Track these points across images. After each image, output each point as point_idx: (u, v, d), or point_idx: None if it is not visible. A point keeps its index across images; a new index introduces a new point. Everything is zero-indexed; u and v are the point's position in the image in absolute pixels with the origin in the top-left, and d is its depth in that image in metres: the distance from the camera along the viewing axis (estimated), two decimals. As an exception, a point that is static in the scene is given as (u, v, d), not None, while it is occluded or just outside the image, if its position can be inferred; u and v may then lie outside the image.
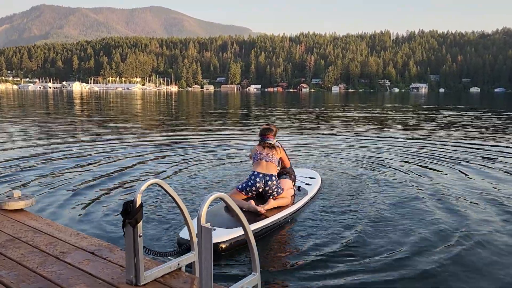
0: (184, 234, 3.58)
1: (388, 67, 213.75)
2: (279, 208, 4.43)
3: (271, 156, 4.73)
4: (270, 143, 4.80)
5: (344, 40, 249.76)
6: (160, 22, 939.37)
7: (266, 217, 4.13)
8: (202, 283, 1.80)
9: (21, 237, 2.84)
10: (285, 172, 5.12)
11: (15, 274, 2.29)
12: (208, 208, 1.84)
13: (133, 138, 11.75)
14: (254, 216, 4.13)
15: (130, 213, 2.11)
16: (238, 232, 3.55)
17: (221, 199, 1.92)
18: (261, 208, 4.26)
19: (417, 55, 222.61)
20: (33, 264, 2.42)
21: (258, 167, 4.70)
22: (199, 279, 2.04)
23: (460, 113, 24.09)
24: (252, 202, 4.33)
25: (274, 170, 4.71)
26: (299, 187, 5.31)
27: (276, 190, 4.62)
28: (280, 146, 4.94)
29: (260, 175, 4.64)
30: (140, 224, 2.17)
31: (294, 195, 4.96)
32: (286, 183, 4.95)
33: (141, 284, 2.19)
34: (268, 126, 4.96)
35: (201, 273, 1.80)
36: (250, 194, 4.67)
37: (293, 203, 4.67)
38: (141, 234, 2.19)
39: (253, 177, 4.65)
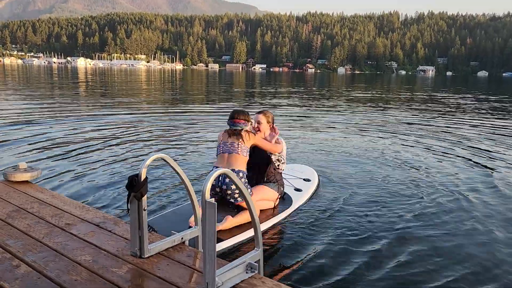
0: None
1: (395, 48, 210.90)
2: (241, 227, 3.39)
3: (236, 146, 3.58)
4: (236, 129, 3.63)
5: (352, 21, 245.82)
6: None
7: (219, 240, 3.16)
8: (206, 257, 1.82)
9: (27, 208, 2.87)
10: (270, 178, 3.96)
11: (22, 244, 2.33)
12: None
13: (139, 113, 11.75)
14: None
15: (135, 186, 2.11)
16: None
17: (226, 175, 1.93)
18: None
19: (426, 37, 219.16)
20: (39, 235, 2.45)
21: (217, 162, 3.64)
22: (202, 253, 2.07)
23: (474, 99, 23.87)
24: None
25: (239, 164, 3.54)
26: (283, 194, 4.16)
27: (237, 192, 3.51)
28: (253, 132, 3.76)
29: (220, 178, 3.50)
30: (145, 198, 2.18)
31: (275, 207, 3.95)
32: (264, 191, 3.83)
33: (145, 256, 2.23)
34: (240, 109, 3.78)
35: (205, 247, 1.82)
36: (216, 197, 3.59)
37: (270, 217, 3.75)
38: (145, 208, 2.21)
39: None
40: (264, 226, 3.58)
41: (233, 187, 3.49)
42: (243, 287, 1.94)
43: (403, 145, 8.04)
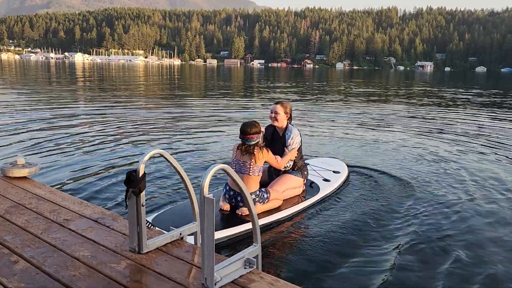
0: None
1: (394, 44, 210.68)
2: (266, 212, 3.69)
3: (248, 166, 3.60)
4: (249, 145, 3.60)
5: (350, 16, 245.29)
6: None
7: (247, 221, 3.45)
8: (204, 252, 1.82)
9: (25, 204, 2.86)
10: (294, 168, 4.16)
11: (20, 239, 2.32)
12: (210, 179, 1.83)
13: (137, 109, 11.72)
14: (232, 218, 3.52)
15: (134, 182, 2.10)
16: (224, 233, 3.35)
17: (224, 170, 1.91)
18: (240, 211, 3.59)
19: (424, 32, 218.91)
20: (38, 230, 2.45)
21: (230, 180, 3.66)
22: (200, 249, 2.07)
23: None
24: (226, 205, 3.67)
25: (251, 185, 3.59)
26: (311, 182, 4.42)
27: (255, 203, 3.63)
28: (261, 147, 3.67)
29: (231, 193, 3.64)
30: (143, 194, 2.18)
31: (300, 194, 4.17)
32: (289, 180, 4.03)
33: (144, 252, 2.22)
34: (249, 121, 3.67)
35: (203, 243, 1.82)
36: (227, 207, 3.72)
37: (296, 204, 3.96)
38: (144, 204, 2.20)
39: (224, 190, 3.74)
40: (290, 211, 3.83)
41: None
42: (242, 282, 1.93)
43: (424, 139, 8.18)
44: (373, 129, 9.37)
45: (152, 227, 2.75)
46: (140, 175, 2.12)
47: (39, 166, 3.66)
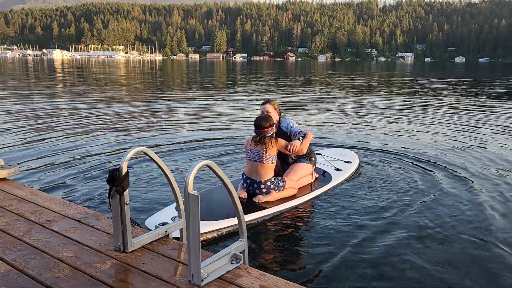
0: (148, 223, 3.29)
1: (375, 36, 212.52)
2: (282, 200, 3.90)
3: (262, 155, 3.84)
4: (262, 137, 3.87)
5: (331, 8, 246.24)
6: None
7: (263, 208, 3.69)
8: (190, 249, 1.82)
9: (5, 206, 2.80)
10: (302, 155, 4.33)
11: (1, 242, 2.27)
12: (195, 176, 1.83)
13: (119, 106, 11.56)
14: (250, 205, 3.71)
15: (117, 181, 2.09)
16: (222, 223, 3.39)
17: (208, 166, 1.90)
18: (257, 198, 3.83)
19: (404, 24, 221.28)
20: (19, 232, 2.40)
21: (246, 169, 4.00)
22: (186, 246, 2.07)
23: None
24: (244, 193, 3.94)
25: (265, 173, 3.86)
26: (324, 172, 4.66)
27: (271, 191, 3.90)
28: (271, 138, 3.91)
29: (248, 181, 3.92)
30: (126, 192, 2.16)
31: (313, 182, 4.35)
32: (301, 168, 4.28)
33: (129, 251, 2.20)
34: (262, 115, 4.01)
35: (189, 239, 1.82)
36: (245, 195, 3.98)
37: (309, 192, 4.14)
38: (128, 202, 2.18)
39: (242, 179, 4.02)
40: (303, 200, 4.01)
41: (264, 190, 3.86)
42: (229, 278, 1.93)
43: (425, 126, 8.40)
44: (375, 119, 9.56)
45: (135, 225, 2.72)
46: (123, 173, 2.11)
47: (19, 167, 3.58)
